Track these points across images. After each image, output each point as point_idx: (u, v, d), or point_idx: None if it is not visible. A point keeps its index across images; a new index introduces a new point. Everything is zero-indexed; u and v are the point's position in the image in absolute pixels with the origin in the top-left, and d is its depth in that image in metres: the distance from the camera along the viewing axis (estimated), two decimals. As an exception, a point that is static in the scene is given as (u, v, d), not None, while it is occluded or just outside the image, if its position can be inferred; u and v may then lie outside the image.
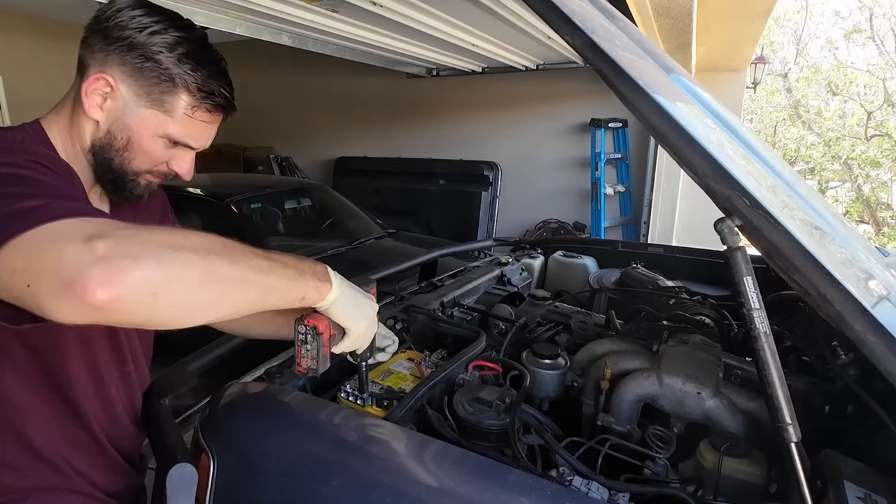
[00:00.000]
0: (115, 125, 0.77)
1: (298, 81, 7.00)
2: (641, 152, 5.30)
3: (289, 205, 4.14)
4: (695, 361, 1.15)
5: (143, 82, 0.75)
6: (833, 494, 0.76)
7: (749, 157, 0.79)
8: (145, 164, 0.80)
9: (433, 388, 1.11)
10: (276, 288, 0.66)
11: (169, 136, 0.78)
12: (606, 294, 2.04)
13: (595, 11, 0.82)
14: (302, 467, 0.88)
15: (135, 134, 0.77)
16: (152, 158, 0.80)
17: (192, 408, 1.24)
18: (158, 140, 0.79)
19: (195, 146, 0.83)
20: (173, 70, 0.75)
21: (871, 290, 0.70)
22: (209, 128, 0.82)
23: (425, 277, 2.25)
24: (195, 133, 0.81)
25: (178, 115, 0.77)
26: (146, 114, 0.76)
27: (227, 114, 0.84)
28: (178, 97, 0.77)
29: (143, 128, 0.77)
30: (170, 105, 0.77)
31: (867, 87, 12.22)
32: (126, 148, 0.78)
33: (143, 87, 0.76)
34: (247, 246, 0.64)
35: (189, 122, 0.79)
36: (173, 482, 0.78)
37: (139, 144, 0.78)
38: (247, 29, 3.64)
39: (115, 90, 0.75)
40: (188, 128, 0.79)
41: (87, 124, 0.78)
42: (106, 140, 0.78)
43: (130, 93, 0.76)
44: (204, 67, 0.77)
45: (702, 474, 0.97)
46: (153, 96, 0.76)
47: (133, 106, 0.76)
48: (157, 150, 0.79)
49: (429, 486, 0.80)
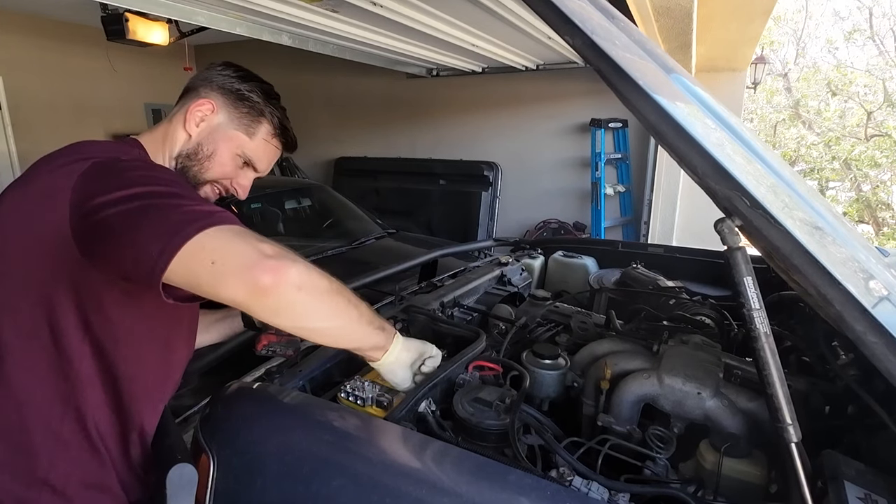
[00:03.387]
0: (205, 139, 0.97)
1: (298, 81, 6.99)
2: (641, 152, 5.30)
3: (289, 205, 4.14)
4: (695, 362, 1.15)
5: (238, 111, 0.98)
6: (833, 495, 0.75)
7: (749, 157, 0.79)
8: (217, 175, 0.99)
9: (433, 388, 1.11)
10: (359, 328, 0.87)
11: (244, 154, 0.99)
12: (606, 294, 2.04)
13: (595, 11, 0.82)
14: (302, 467, 0.88)
15: (219, 148, 0.97)
16: (225, 172, 0.99)
17: (192, 408, 1.24)
18: (235, 157, 0.99)
19: (259, 168, 1.02)
20: (262, 106, 0.99)
21: (871, 291, 0.70)
22: (274, 156, 1.04)
23: (425, 278, 2.25)
24: (265, 157, 1.02)
25: (256, 139, 1.00)
26: (233, 133, 0.98)
27: (288, 151, 1.06)
28: (262, 125, 1.00)
29: (227, 144, 0.98)
30: (253, 130, 0.99)
31: (867, 87, 12.22)
32: (209, 158, 0.97)
33: (236, 114, 0.98)
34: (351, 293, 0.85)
35: (263, 146, 1.00)
36: (173, 482, 0.79)
37: (220, 157, 0.98)
38: (247, 29, 3.64)
39: (215, 113, 0.97)
40: (261, 151, 1.01)
41: (181, 137, 0.96)
42: (193, 150, 0.96)
43: (225, 117, 0.98)
44: (282, 110, 1.03)
45: (702, 475, 0.97)
46: (243, 122, 0.98)
47: (225, 126, 0.98)
48: (231, 165, 0.99)
49: (429, 486, 0.80)
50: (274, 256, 0.69)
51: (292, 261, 0.71)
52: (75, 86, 5.88)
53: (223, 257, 0.67)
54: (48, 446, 0.81)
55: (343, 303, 0.81)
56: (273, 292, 0.68)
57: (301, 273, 0.71)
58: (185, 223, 0.68)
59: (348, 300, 0.83)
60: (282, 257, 0.70)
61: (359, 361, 1.41)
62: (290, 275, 0.69)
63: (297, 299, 0.72)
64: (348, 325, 0.84)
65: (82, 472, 0.84)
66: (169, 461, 0.82)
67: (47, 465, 0.80)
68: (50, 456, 0.81)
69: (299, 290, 0.71)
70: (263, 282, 0.67)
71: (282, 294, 0.69)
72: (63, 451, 0.82)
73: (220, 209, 0.74)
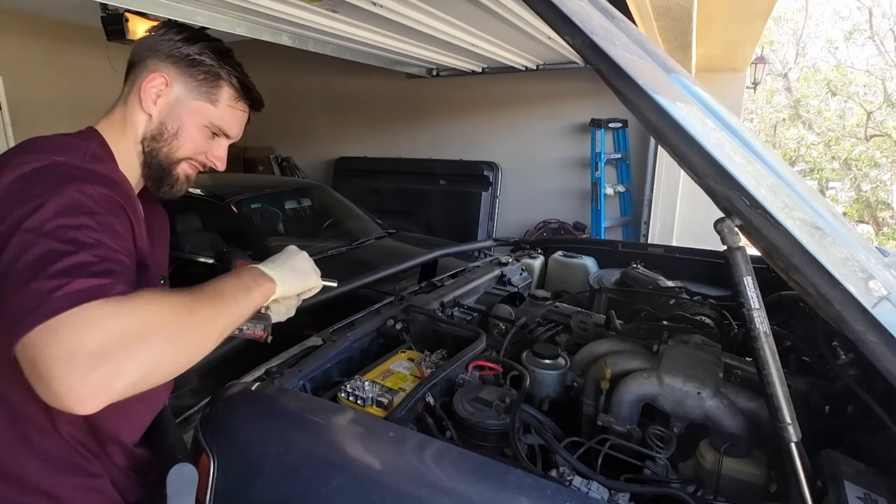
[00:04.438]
0: (167, 116, 0.90)
1: (298, 81, 6.99)
2: (641, 152, 5.30)
3: (289, 205, 4.14)
4: (695, 361, 1.15)
5: (193, 78, 0.90)
6: (833, 494, 0.76)
7: (749, 156, 0.79)
8: (189, 151, 0.93)
9: (433, 388, 1.11)
10: (237, 316, 0.78)
11: (212, 124, 0.93)
12: (606, 294, 2.04)
13: (595, 11, 0.82)
14: (302, 467, 0.88)
15: (184, 123, 0.91)
16: (196, 147, 0.93)
17: (192, 408, 1.24)
18: (203, 129, 0.93)
19: (231, 134, 0.97)
20: (218, 68, 0.91)
21: (871, 290, 0.70)
22: (243, 119, 0.98)
23: (425, 278, 2.25)
24: (233, 122, 0.96)
25: (221, 105, 0.93)
26: (195, 105, 0.91)
27: (256, 110, 1.00)
28: (223, 89, 0.92)
29: (192, 117, 0.91)
30: (215, 96, 0.92)
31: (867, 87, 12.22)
32: (175, 136, 0.91)
33: (193, 82, 0.90)
34: (204, 289, 0.74)
35: (230, 111, 0.94)
36: (173, 482, 0.78)
37: (187, 132, 0.92)
38: (247, 29, 3.64)
39: (170, 86, 0.89)
40: (229, 117, 0.94)
41: (141, 119, 0.90)
42: (157, 130, 0.90)
43: (182, 88, 0.90)
44: (239, 68, 0.95)
45: (702, 474, 0.97)
46: (202, 89, 0.91)
47: (184, 99, 0.91)
48: (201, 138, 0.93)
49: (429, 485, 0.80)
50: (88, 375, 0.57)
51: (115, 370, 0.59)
52: (75, 86, 5.86)
53: (37, 378, 0.58)
54: (35, 455, 0.80)
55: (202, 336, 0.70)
56: (100, 408, 0.58)
57: (130, 376, 0.60)
58: (30, 310, 0.59)
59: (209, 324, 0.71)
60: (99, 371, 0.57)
61: (359, 361, 1.42)
62: (114, 390, 0.59)
63: (143, 386, 0.62)
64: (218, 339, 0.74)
65: (73, 477, 0.84)
66: (169, 461, 0.82)
67: (37, 472, 0.80)
68: (38, 464, 0.81)
69: (136, 386, 0.61)
70: (84, 411, 0.57)
71: (111, 402, 0.59)
72: (50, 460, 0.82)
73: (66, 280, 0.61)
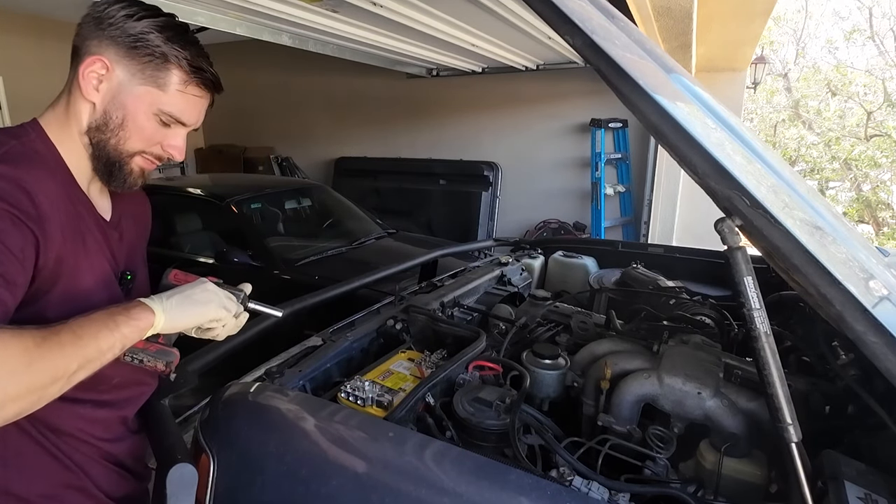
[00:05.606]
0: (111, 104, 0.81)
1: (298, 81, 6.99)
2: (641, 152, 5.30)
3: (289, 205, 4.14)
4: (695, 362, 1.15)
5: (137, 61, 0.80)
6: (833, 494, 0.76)
7: (749, 156, 0.79)
8: (140, 143, 0.84)
9: (433, 389, 1.11)
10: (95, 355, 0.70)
11: (162, 111, 0.82)
12: (606, 294, 2.04)
13: (595, 11, 0.82)
14: (302, 467, 0.88)
15: (130, 111, 0.81)
16: (146, 137, 0.84)
17: (192, 408, 1.24)
18: (152, 117, 0.83)
19: (186, 122, 0.86)
20: (164, 48, 0.80)
21: (871, 290, 0.70)
22: (200, 103, 0.87)
23: (425, 278, 2.25)
24: (187, 108, 0.85)
25: (170, 90, 0.82)
26: (140, 90, 0.81)
27: (214, 92, 0.88)
28: (171, 73, 0.82)
29: (138, 104, 0.81)
30: (163, 80, 0.81)
31: (867, 87, 12.22)
32: (122, 126, 0.82)
33: (136, 66, 0.80)
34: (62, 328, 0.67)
35: (181, 97, 0.83)
36: (173, 482, 0.78)
37: (134, 121, 0.82)
38: (247, 29, 3.64)
39: (111, 71, 0.80)
40: (180, 103, 0.83)
41: (84, 108, 0.82)
42: (102, 120, 0.82)
43: (125, 72, 0.80)
44: (191, 47, 0.83)
45: (702, 474, 0.97)
46: (147, 73, 0.81)
47: (128, 84, 0.81)
48: (151, 127, 0.83)
49: (429, 485, 0.80)
50: None
51: None
52: (75, 86, 5.87)
53: None
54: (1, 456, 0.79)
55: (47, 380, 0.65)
56: None
57: None
58: None
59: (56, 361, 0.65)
60: None
61: (359, 362, 1.42)
62: None
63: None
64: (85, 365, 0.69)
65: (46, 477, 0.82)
66: (169, 461, 0.82)
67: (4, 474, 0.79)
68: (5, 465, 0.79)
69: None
70: None
71: None
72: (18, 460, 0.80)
73: None
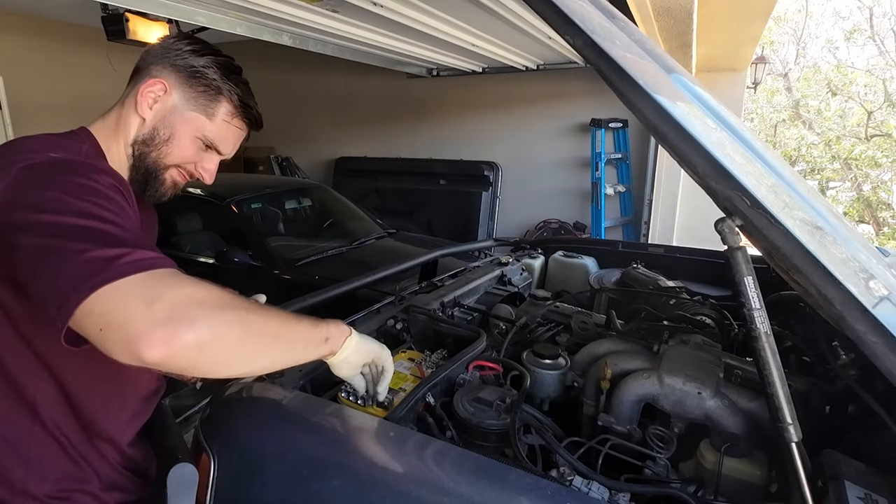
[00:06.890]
0: (160, 122, 0.90)
1: (298, 81, 6.99)
2: (642, 152, 5.30)
3: (289, 205, 4.15)
4: (695, 361, 1.15)
5: (193, 90, 0.91)
6: (833, 494, 0.76)
7: (749, 156, 0.79)
8: (178, 159, 0.93)
9: (433, 388, 1.11)
10: (291, 356, 0.80)
11: (205, 137, 0.92)
12: (607, 294, 2.04)
13: (595, 11, 0.82)
14: (302, 467, 0.88)
15: (177, 131, 0.91)
16: (186, 156, 0.93)
17: (192, 408, 1.24)
18: (195, 140, 0.92)
19: (223, 151, 0.96)
20: (220, 83, 0.91)
21: (871, 290, 0.70)
22: (238, 136, 0.97)
23: (426, 277, 2.24)
24: (227, 138, 0.95)
25: (217, 120, 0.92)
26: (190, 115, 0.91)
27: (254, 130, 0.98)
28: (221, 104, 0.92)
29: (185, 127, 0.91)
30: (212, 110, 0.92)
31: (867, 86, 12.22)
32: (167, 143, 0.91)
33: (191, 93, 0.91)
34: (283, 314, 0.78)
35: (225, 127, 0.93)
36: (174, 482, 0.78)
37: (178, 141, 0.91)
38: (247, 29, 3.64)
39: (168, 94, 0.90)
40: (223, 132, 0.94)
41: (135, 122, 0.90)
42: (149, 135, 0.90)
43: (180, 97, 0.90)
44: (242, 86, 0.94)
45: (702, 474, 0.97)
46: (199, 101, 0.91)
47: (180, 108, 0.91)
48: (192, 149, 0.93)
49: (429, 485, 0.80)
50: (164, 321, 0.61)
51: (189, 322, 0.62)
52: (75, 86, 5.86)
53: (108, 325, 0.61)
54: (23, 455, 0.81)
55: (267, 341, 0.74)
56: (166, 363, 0.62)
57: (200, 334, 0.63)
58: (81, 280, 0.62)
59: (274, 336, 0.75)
60: (175, 320, 0.61)
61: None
62: (184, 342, 0.62)
63: (202, 359, 0.65)
64: (277, 357, 0.77)
65: (60, 478, 0.84)
66: (170, 461, 0.82)
67: (23, 474, 0.81)
68: (26, 464, 0.81)
69: (201, 351, 0.64)
70: (149, 357, 0.60)
71: (179, 361, 0.63)
72: (39, 459, 0.82)
73: (127, 250, 0.65)
